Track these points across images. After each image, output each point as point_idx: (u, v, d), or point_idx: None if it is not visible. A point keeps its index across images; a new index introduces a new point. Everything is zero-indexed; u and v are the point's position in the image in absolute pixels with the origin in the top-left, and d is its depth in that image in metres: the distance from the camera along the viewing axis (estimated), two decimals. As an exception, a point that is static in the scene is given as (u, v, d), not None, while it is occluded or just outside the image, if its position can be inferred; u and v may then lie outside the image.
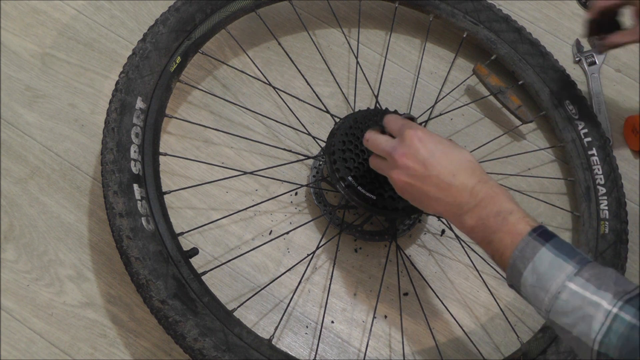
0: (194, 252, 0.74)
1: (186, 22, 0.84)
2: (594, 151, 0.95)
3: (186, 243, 0.84)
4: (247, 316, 0.82)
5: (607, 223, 0.89)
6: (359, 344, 0.83)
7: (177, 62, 0.82)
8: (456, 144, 0.67)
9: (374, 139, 0.69)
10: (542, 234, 0.59)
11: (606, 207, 0.91)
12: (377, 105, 0.95)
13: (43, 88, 0.92)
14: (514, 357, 0.82)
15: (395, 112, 0.73)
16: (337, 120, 0.86)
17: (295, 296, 0.84)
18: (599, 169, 0.94)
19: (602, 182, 0.93)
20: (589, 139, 0.96)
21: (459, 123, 1.00)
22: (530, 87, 1.00)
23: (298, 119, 0.93)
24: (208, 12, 0.86)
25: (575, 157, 0.96)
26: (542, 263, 0.57)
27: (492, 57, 1.01)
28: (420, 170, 0.64)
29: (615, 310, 0.53)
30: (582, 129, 0.97)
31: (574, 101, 0.98)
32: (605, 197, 0.91)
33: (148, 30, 0.82)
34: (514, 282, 0.61)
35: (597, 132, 0.96)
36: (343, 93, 0.99)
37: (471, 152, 0.85)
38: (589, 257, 0.58)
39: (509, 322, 0.85)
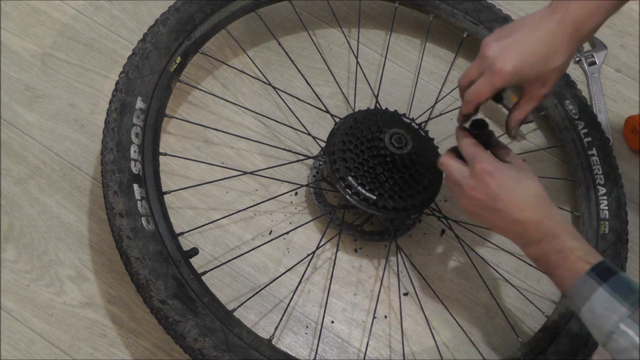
0: (194, 252, 0.74)
1: (186, 22, 0.84)
2: (594, 151, 0.95)
3: (186, 243, 0.84)
4: (247, 316, 0.82)
5: (607, 223, 0.89)
6: (359, 344, 0.83)
7: (177, 62, 0.82)
8: (525, 171, 0.68)
9: (447, 164, 0.71)
10: (601, 273, 0.60)
11: (606, 207, 0.91)
12: (377, 105, 0.95)
13: (43, 88, 0.92)
14: (514, 357, 0.81)
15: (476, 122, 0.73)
16: (337, 120, 0.86)
17: (295, 296, 0.84)
18: (599, 169, 0.93)
19: (602, 182, 0.92)
20: (589, 139, 0.96)
21: (459, 123, 1.00)
22: (530, 87, 1.00)
23: (298, 119, 0.93)
24: (208, 12, 0.86)
25: (575, 157, 0.96)
26: (598, 303, 0.59)
27: (492, 57, 1.01)
28: (489, 203, 0.67)
29: None
30: (582, 129, 0.96)
31: (574, 101, 0.98)
32: (605, 197, 0.91)
33: (148, 30, 0.82)
34: (575, 313, 0.64)
35: (597, 132, 0.96)
36: (343, 93, 0.99)
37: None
38: None
39: (509, 322, 0.85)
